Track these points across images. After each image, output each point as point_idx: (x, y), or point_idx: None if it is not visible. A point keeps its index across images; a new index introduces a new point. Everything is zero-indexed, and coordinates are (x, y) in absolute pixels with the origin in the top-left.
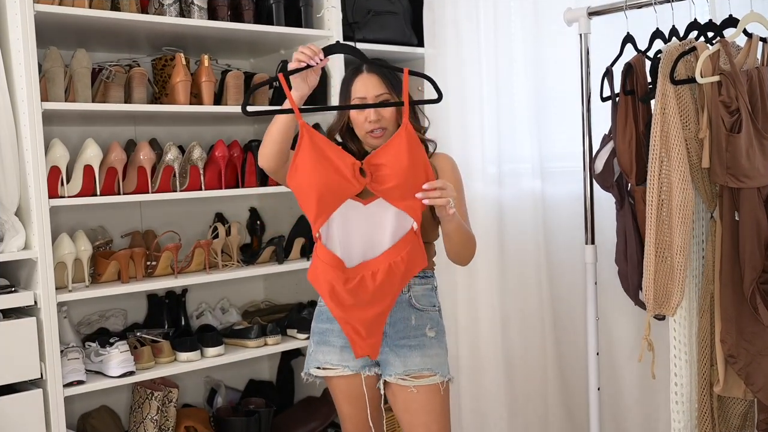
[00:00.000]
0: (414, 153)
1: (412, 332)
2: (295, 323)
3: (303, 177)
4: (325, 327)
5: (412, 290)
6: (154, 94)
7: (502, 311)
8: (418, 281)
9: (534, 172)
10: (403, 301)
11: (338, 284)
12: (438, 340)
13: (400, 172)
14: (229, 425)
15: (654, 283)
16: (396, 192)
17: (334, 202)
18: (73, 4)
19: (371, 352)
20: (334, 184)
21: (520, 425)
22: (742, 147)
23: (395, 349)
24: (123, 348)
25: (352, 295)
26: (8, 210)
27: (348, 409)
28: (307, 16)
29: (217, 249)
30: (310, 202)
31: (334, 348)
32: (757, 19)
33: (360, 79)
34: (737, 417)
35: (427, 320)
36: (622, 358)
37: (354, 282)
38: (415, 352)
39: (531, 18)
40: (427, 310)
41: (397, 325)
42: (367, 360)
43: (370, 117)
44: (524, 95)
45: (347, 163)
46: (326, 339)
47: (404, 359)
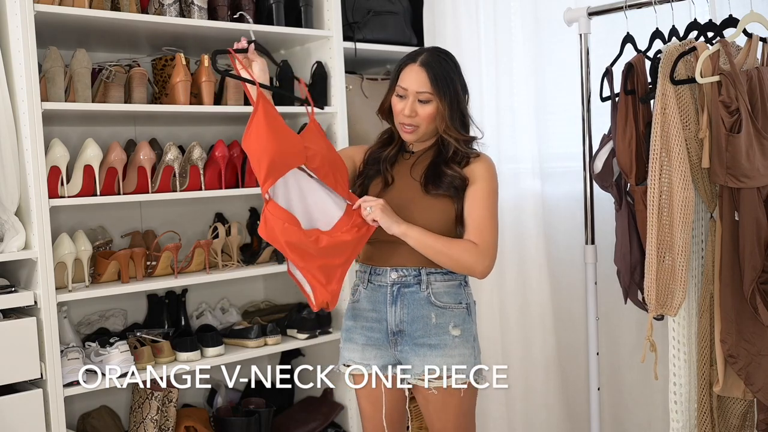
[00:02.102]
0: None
1: (433, 330)
2: (295, 323)
3: (258, 142)
4: (349, 324)
5: (432, 287)
6: (154, 94)
7: (502, 311)
8: (438, 278)
9: (534, 172)
10: (421, 298)
11: (294, 237)
12: (464, 339)
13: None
14: (229, 425)
15: (656, 284)
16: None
17: (281, 167)
18: (73, 4)
19: (330, 300)
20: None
21: (520, 425)
22: (742, 147)
23: (415, 348)
24: (123, 348)
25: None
26: (8, 210)
27: (368, 408)
28: (307, 16)
29: (217, 249)
30: (262, 166)
31: (357, 345)
32: (757, 19)
33: (410, 70)
34: (737, 417)
35: (450, 318)
36: (622, 358)
37: (312, 237)
38: (435, 352)
39: (531, 18)
40: (451, 307)
41: (416, 324)
42: (390, 359)
43: (405, 110)
44: (524, 95)
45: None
46: (350, 336)
47: (423, 359)
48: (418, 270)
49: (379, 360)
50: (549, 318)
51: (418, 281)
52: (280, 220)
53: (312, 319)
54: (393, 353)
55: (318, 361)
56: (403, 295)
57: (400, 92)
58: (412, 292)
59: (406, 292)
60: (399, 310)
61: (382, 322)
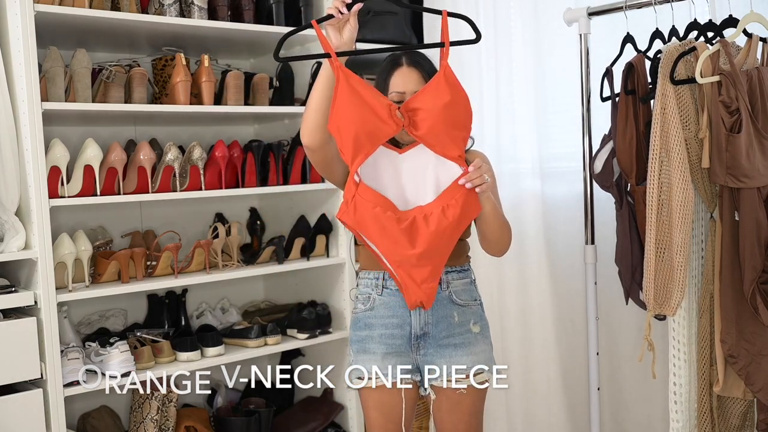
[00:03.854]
0: (454, 95)
1: (457, 329)
2: (295, 323)
3: (340, 118)
4: (363, 334)
5: (452, 286)
6: (154, 94)
7: (502, 311)
8: (455, 276)
9: (534, 172)
10: (444, 298)
11: (390, 223)
12: (483, 336)
13: (437, 114)
14: (229, 425)
15: (654, 283)
16: (432, 136)
17: (370, 142)
18: (73, 4)
19: (425, 299)
20: (369, 123)
21: (520, 425)
22: (742, 147)
23: (440, 350)
24: (123, 348)
25: (406, 234)
26: (8, 210)
27: (378, 417)
28: (307, 16)
29: (217, 249)
30: (347, 143)
31: (375, 356)
32: (757, 19)
33: (399, 73)
34: (737, 417)
35: (470, 315)
36: (622, 358)
37: (407, 222)
38: (460, 351)
39: (531, 18)
40: (469, 305)
41: (440, 324)
42: (408, 366)
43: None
44: (524, 95)
45: (383, 104)
46: (366, 347)
47: (450, 359)
48: None
49: (400, 368)
50: (549, 318)
51: (440, 281)
52: (370, 204)
53: (312, 319)
54: (414, 358)
55: (318, 361)
56: None
57: (396, 97)
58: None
59: None
60: (423, 312)
61: (405, 327)
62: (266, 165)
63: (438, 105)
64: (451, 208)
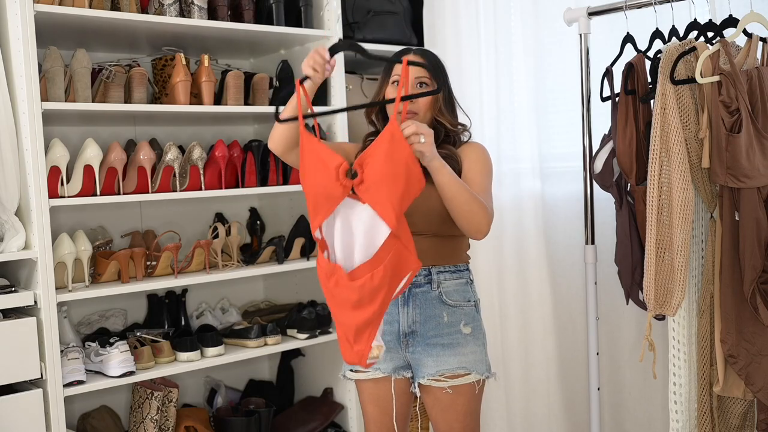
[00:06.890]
0: (393, 153)
1: (445, 330)
2: (295, 323)
3: (302, 180)
4: None
5: (442, 286)
6: (154, 94)
7: (502, 311)
8: (447, 276)
9: (534, 172)
10: (433, 298)
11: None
12: (474, 337)
13: (377, 170)
14: (229, 425)
15: (654, 283)
16: (371, 192)
17: (325, 203)
18: (73, 4)
19: (358, 360)
20: (320, 186)
21: (520, 425)
22: (742, 147)
23: (427, 348)
24: (123, 348)
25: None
26: (8, 210)
27: (373, 411)
28: (307, 16)
29: (217, 249)
30: (309, 204)
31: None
32: (757, 19)
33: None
34: (737, 417)
35: (460, 316)
36: (622, 358)
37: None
38: (448, 351)
39: (531, 18)
40: (461, 305)
41: (428, 324)
42: (401, 361)
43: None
44: (524, 95)
45: (334, 165)
46: None
47: (437, 359)
48: (428, 269)
49: (390, 363)
50: (549, 318)
51: (429, 281)
52: (320, 267)
53: (312, 319)
54: (404, 355)
55: (318, 361)
56: (414, 296)
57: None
58: (424, 292)
59: (417, 292)
60: (411, 311)
61: (394, 324)
62: (266, 165)
63: (378, 163)
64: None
